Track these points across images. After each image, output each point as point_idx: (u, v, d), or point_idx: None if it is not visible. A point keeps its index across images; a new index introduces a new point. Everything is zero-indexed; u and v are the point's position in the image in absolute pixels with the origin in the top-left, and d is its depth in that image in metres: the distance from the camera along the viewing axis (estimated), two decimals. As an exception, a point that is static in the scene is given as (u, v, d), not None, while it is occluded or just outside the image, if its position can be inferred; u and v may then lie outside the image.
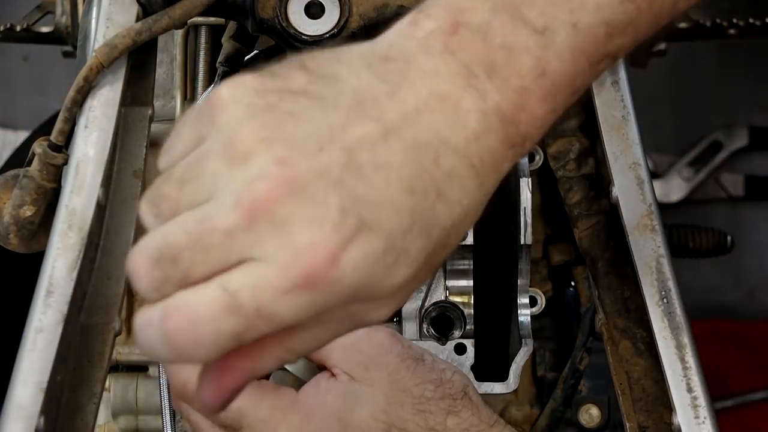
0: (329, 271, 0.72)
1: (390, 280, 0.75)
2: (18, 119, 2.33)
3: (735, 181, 2.27)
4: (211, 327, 0.72)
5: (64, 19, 1.53)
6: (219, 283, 0.72)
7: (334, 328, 0.78)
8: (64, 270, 0.94)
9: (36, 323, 0.92)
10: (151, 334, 0.74)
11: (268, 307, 0.72)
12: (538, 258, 1.28)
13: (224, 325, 0.72)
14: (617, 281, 1.03)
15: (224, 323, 0.72)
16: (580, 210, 1.06)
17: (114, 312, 0.99)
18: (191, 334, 0.72)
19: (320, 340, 0.78)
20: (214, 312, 0.72)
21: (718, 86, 2.30)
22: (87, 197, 0.97)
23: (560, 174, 1.07)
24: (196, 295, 0.73)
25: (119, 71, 1.01)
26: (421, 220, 0.74)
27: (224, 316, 0.72)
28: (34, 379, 0.90)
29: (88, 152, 0.98)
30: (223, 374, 0.76)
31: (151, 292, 0.75)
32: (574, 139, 1.07)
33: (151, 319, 0.74)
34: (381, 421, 0.95)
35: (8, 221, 1.01)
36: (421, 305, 1.07)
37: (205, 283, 0.73)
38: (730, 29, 1.68)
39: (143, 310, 0.76)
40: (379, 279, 0.74)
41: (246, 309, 0.72)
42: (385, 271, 0.74)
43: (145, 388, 1.30)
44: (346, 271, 0.72)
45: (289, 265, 0.71)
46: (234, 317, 0.72)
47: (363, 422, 0.95)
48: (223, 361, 0.76)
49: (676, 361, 0.96)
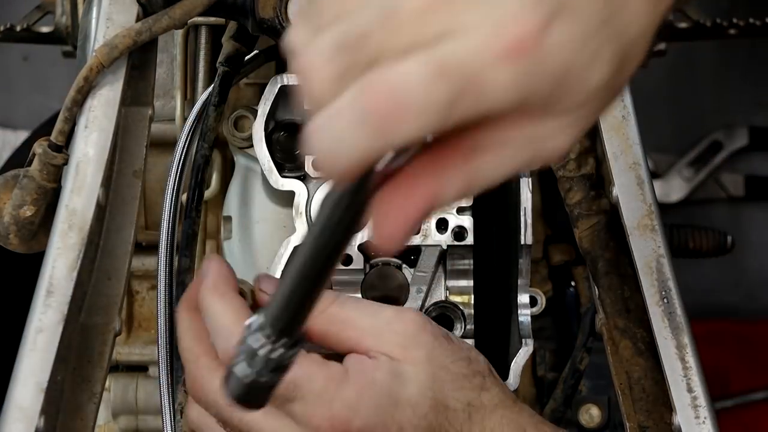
0: (537, 43, 0.67)
1: (589, 76, 0.70)
2: (18, 119, 2.33)
3: (735, 181, 2.27)
4: (420, 96, 0.66)
5: (64, 19, 1.53)
6: (423, 53, 0.66)
7: (514, 156, 0.71)
8: (64, 270, 0.94)
9: (36, 323, 0.92)
10: (339, 123, 0.67)
11: (480, 74, 0.66)
12: (539, 258, 1.29)
13: (434, 92, 0.66)
14: (617, 281, 1.03)
15: (434, 90, 0.65)
16: (580, 210, 1.06)
17: (114, 312, 0.99)
18: (400, 104, 0.66)
19: (501, 167, 0.71)
20: (422, 78, 0.65)
21: (718, 86, 2.30)
22: (87, 197, 0.97)
23: (560, 174, 1.07)
24: (399, 66, 0.66)
25: (119, 71, 1.01)
26: (613, 17, 0.70)
27: (434, 82, 0.65)
28: (34, 379, 0.90)
29: (88, 152, 0.98)
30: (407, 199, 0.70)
31: (334, 83, 0.67)
32: (574, 139, 1.07)
33: (338, 108, 0.67)
34: (428, 397, 0.95)
35: (8, 221, 1.01)
36: (421, 305, 1.07)
37: (405, 57, 0.66)
38: (730, 29, 1.68)
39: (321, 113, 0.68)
40: (579, 70, 0.69)
41: (456, 75, 0.66)
42: (585, 61, 0.69)
43: (145, 388, 1.30)
44: (554, 48, 0.67)
45: (497, 34, 0.66)
46: (444, 83, 0.66)
47: (412, 398, 0.94)
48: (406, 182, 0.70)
49: (676, 361, 0.96)
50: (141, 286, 1.30)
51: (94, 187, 0.97)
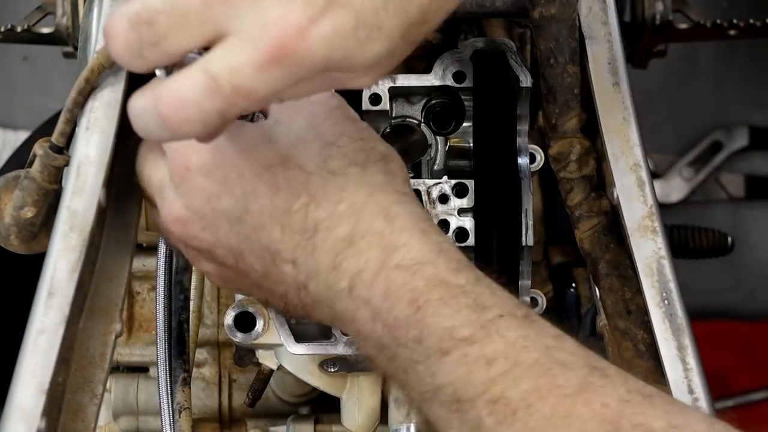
0: (298, 45, 0.79)
1: (363, 55, 0.81)
2: (18, 119, 2.33)
3: (735, 181, 2.28)
4: (198, 108, 0.81)
5: (64, 20, 1.53)
6: (200, 68, 0.81)
7: (314, 88, 0.85)
8: (65, 271, 0.94)
9: (37, 324, 0.92)
10: (147, 120, 0.84)
11: (245, 85, 0.80)
12: (539, 259, 1.28)
13: (209, 105, 0.81)
14: (618, 282, 1.03)
15: (208, 104, 0.81)
16: (581, 211, 1.06)
17: (115, 313, 0.99)
18: (182, 115, 0.82)
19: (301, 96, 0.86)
20: (198, 94, 0.81)
21: (718, 86, 2.30)
22: (88, 199, 0.97)
23: (561, 175, 1.07)
24: (182, 80, 0.82)
25: (120, 72, 1.01)
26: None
27: (207, 97, 0.81)
28: (35, 381, 0.90)
29: (89, 154, 0.98)
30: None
31: (124, 53, 0.84)
32: (574, 140, 1.07)
33: (144, 106, 0.84)
34: (280, 154, 0.93)
35: (9, 222, 1.01)
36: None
37: (189, 69, 0.82)
38: (730, 29, 1.68)
39: (134, 97, 0.85)
40: (351, 53, 0.80)
41: (225, 89, 0.80)
42: (357, 45, 0.80)
43: (146, 389, 1.30)
44: (315, 45, 0.79)
45: (261, 39, 0.79)
46: (216, 97, 0.81)
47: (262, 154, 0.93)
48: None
49: (677, 363, 0.96)
50: (142, 287, 1.30)
51: (95, 188, 0.97)
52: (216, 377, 1.30)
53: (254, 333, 1.08)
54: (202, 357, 1.30)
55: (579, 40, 1.06)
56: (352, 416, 1.16)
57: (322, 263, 0.91)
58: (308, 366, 1.14)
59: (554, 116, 1.07)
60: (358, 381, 1.15)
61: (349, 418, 1.17)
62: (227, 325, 1.08)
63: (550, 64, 1.06)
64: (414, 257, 0.89)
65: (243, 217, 0.93)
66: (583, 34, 1.07)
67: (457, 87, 1.08)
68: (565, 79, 1.06)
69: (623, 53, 1.07)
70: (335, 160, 0.93)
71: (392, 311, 0.87)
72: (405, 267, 0.88)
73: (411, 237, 0.90)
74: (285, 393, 1.29)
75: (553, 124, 1.07)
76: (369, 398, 1.15)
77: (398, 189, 0.93)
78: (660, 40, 1.63)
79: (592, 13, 1.07)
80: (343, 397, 1.16)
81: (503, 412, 0.82)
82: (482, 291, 0.88)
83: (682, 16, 1.66)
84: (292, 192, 0.92)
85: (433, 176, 1.10)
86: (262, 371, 1.19)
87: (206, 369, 1.30)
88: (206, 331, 1.28)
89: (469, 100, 1.10)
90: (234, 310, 1.08)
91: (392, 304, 0.87)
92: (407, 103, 1.11)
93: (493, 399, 0.83)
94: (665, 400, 0.85)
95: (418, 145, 1.10)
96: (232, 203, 0.93)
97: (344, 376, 1.15)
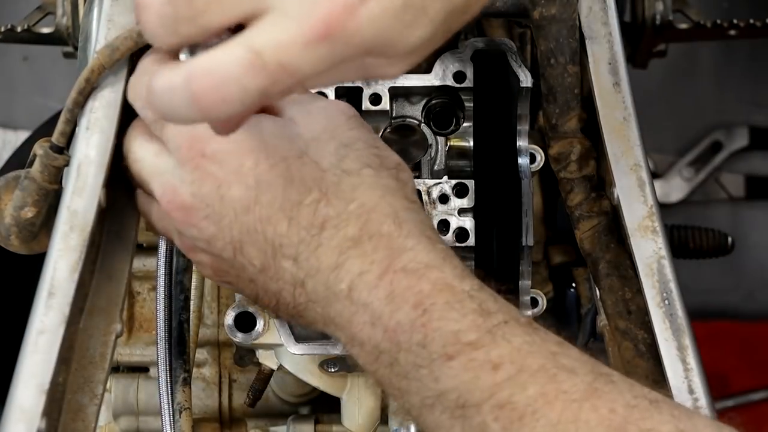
0: (348, 22, 0.75)
1: (407, 38, 0.78)
2: (18, 119, 2.33)
3: (735, 181, 2.28)
4: (239, 85, 0.76)
5: (64, 20, 1.53)
6: (242, 43, 0.76)
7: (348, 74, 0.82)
8: (65, 271, 0.94)
9: (38, 324, 0.92)
10: (174, 98, 0.78)
11: (292, 62, 0.75)
12: (539, 259, 1.28)
13: (251, 82, 0.76)
14: (618, 283, 1.03)
15: (251, 81, 0.76)
16: (581, 211, 1.06)
17: (116, 313, 0.99)
18: (219, 93, 0.76)
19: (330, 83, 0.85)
20: (240, 71, 0.75)
21: (718, 86, 2.30)
22: (88, 199, 0.97)
23: (561, 175, 1.07)
24: (222, 56, 0.76)
25: (120, 73, 1.01)
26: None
27: (251, 74, 0.75)
28: (35, 381, 0.90)
29: (89, 154, 0.98)
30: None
31: (157, 28, 0.78)
32: (575, 140, 1.07)
33: (172, 82, 0.77)
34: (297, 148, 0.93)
35: (9, 222, 1.01)
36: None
37: (229, 43, 0.76)
38: (730, 29, 1.68)
39: (160, 74, 0.79)
40: (396, 36, 0.77)
41: (271, 65, 0.75)
42: (402, 28, 0.77)
43: (146, 389, 1.30)
44: (364, 24, 0.75)
45: (309, 15, 0.75)
46: (260, 74, 0.75)
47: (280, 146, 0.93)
48: None
49: (677, 363, 0.96)
50: (142, 287, 1.30)
51: (95, 188, 0.97)
52: (216, 377, 1.30)
53: (254, 333, 1.08)
54: (202, 357, 1.30)
55: (579, 40, 1.06)
56: (352, 416, 1.16)
57: (324, 261, 0.91)
58: (308, 366, 1.14)
59: (554, 116, 1.07)
60: (358, 381, 1.15)
61: (349, 418, 1.17)
62: (227, 325, 1.08)
63: (551, 64, 1.06)
64: (421, 261, 0.89)
65: (251, 207, 0.92)
66: (584, 34, 1.07)
67: (457, 87, 1.08)
68: (566, 79, 1.06)
69: (623, 53, 1.07)
70: (350, 160, 0.93)
71: (395, 315, 0.87)
72: (411, 270, 0.88)
73: (418, 243, 0.90)
74: (285, 393, 1.29)
75: (554, 124, 1.07)
76: (369, 398, 1.15)
77: (408, 196, 0.94)
78: (660, 40, 1.63)
79: (593, 13, 1.07)
80: (344, 397, 1.16)
81: (510, 418, 0.82)
82: (486, 297, 0.88)
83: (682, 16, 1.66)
84: (305, 186, 0.92)
85: (434, 176, 1.10)
86: (262, 371, 1.19)
87: (206, 369, 1.30)
88: (206, 331, 1.28)
89: (470, 100, 1.10)
90: (234, 310, 1.08)
91: (395, 307, 0.87)
92: (407, 103, 1.11)
93: (500, 404, 0.83)
94: (671, 405, 0.85)
95: (418, 145, 1.10)
96: (242, 192, 0.92)
97: (344, 376, 1.15)
